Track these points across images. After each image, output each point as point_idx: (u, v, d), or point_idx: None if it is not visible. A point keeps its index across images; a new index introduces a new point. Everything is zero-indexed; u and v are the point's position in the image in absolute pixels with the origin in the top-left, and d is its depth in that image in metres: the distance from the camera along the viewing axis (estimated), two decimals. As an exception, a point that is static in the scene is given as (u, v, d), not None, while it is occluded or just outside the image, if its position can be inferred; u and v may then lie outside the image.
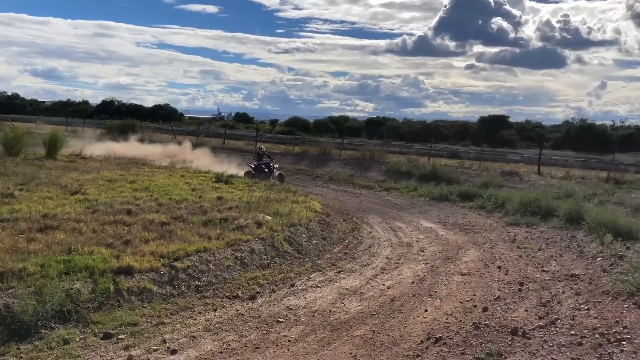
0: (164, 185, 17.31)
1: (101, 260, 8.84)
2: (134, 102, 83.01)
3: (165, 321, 7.90)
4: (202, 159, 27.28)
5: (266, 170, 22.87)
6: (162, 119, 57.40)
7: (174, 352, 6.90)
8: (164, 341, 7.20)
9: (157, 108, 67.61)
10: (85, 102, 70.34)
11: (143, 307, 8.29)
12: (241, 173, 23.39)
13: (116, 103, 68.13)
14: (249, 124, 58.20)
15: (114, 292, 8.27)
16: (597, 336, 7.33)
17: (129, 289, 8.49)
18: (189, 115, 71.93)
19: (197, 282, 9.32)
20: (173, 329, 7.66)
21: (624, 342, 7.07)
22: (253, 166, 23.20)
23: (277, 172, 23.32)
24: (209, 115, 71.65)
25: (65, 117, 50.73)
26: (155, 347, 7.00)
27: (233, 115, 67.69)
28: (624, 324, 7.66)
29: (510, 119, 56.13)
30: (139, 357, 6.73)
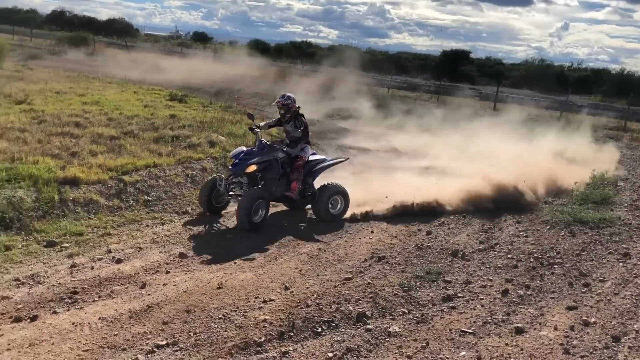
0: (115, 100, 16.78)
1: (46, 170, 8.63)
2: (87, 14, 78.69)
3: (111, 232, 7.85)
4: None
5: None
6: (116, 34, 54.82)
7: (119, 261, 6.89)
8: (109, 251, 7.18)
9: (112, 22, 64.25)
10: (34, 11, 66.06)
11: (89, 218, 8.19)
12: None
13: (67, 14, 64.32)
14: (207, 43, 56.17)
15: (59, 202, 8.13)
16: (532, 260, 7.70)
17: (74, 199, 8.34)
18: (145, 32, 68.72)
19: (145, 197, 9.22)
20: (119, 240, 7.63)
21: (555, 266, 7.46)
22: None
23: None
24: (166, 32, 68.64)
25: (11, 26, 47.73)
26: (100, 257, 6.97)
27: (191, 34, 65.10)
28: (558, 250, 8.06)
29: (472, 55, 56.17)
30: (83, 265, 6.70)
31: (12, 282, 6.12)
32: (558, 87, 41.51)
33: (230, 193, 8.99)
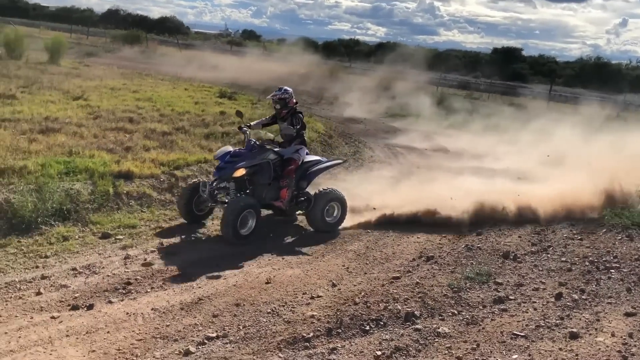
0: (167, 97, 17.16)
1: (101, 164, 8.89)
2: (140, 12, 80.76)
3: (163, 226, 8.03)
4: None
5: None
6: (167, 32, 56.11)
7: (170, 254, 7.04)
8: (161, 244, 7.35)
9: (164, 20, 65.88)
10: (90, 10, 68.43)
11: (142, 211, 8.41)
12: None
13: (122, 12, 66.36)
14: (257, 41, 56.87)
15: (114, 195, 8.37)
16: (587, 264, 7.45)
17: (128, 193, 8.57)
18: (196, 30, 70.15)
19: (196, 191, 9.37)
20: (171, 233, 7.78)
21: (612, 270, 7.19)
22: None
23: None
24: (216, 30, 69.88)
25: (69, 24, 49.49)
26: (152, 249, 7.14)
27: (240, 32, 66.09)
28: (615, 254, 7.77)
29: (524, 53, 54.85)
30: (137, 256, 6.88)
31: (69, 271, 6.34)
32: (614, 85, 39.97)
33: (215, 200, 7.99)
